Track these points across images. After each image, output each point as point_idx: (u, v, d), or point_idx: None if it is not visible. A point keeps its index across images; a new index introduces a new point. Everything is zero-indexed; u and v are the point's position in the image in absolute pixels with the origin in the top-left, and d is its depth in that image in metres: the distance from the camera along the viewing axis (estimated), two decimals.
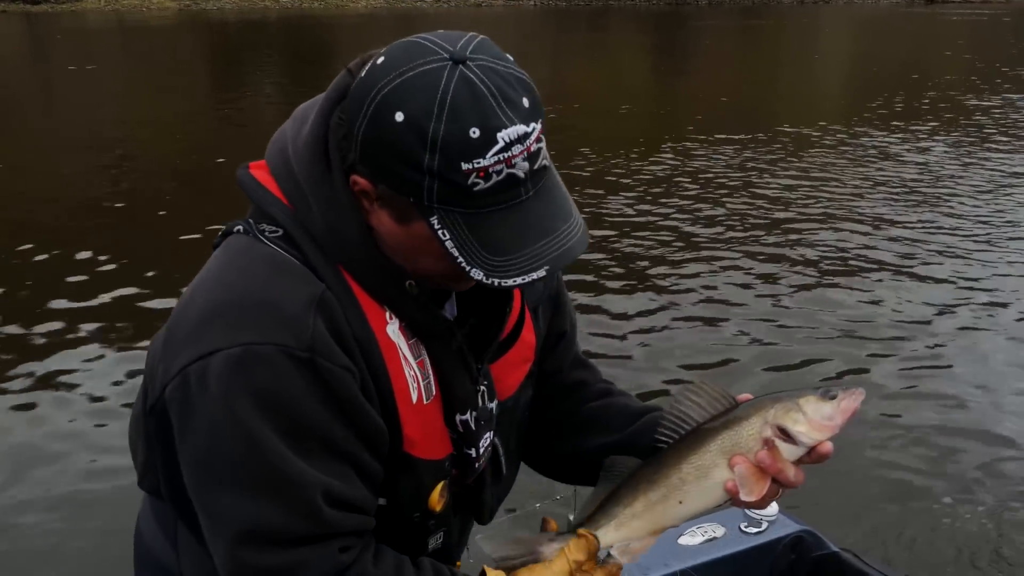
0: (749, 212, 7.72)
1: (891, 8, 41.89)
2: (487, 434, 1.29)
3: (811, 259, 6.56)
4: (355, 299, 1.13)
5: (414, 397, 1.17)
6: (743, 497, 1.18)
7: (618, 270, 6.29)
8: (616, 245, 6.78)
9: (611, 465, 1.29)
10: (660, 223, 7.46)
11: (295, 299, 1.08)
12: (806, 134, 11.42)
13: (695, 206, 7.96)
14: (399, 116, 1.01)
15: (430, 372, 1.20)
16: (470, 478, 1.30)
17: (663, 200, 8.18)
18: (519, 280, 1.06)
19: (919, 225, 7.36)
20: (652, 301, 5.73)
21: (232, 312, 1.08)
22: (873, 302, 5.75)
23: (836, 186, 8.76)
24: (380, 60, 1.06)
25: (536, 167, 1.06)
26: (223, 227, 1.19)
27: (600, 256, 6.48)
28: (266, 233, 1.14)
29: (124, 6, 33.77)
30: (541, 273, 1.06)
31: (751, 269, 6.28)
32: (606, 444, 1.38)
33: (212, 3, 34.73)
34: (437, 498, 1.23)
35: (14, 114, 13.72)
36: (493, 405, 1.29)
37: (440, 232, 1.05)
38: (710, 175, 9.04)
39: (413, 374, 1.17)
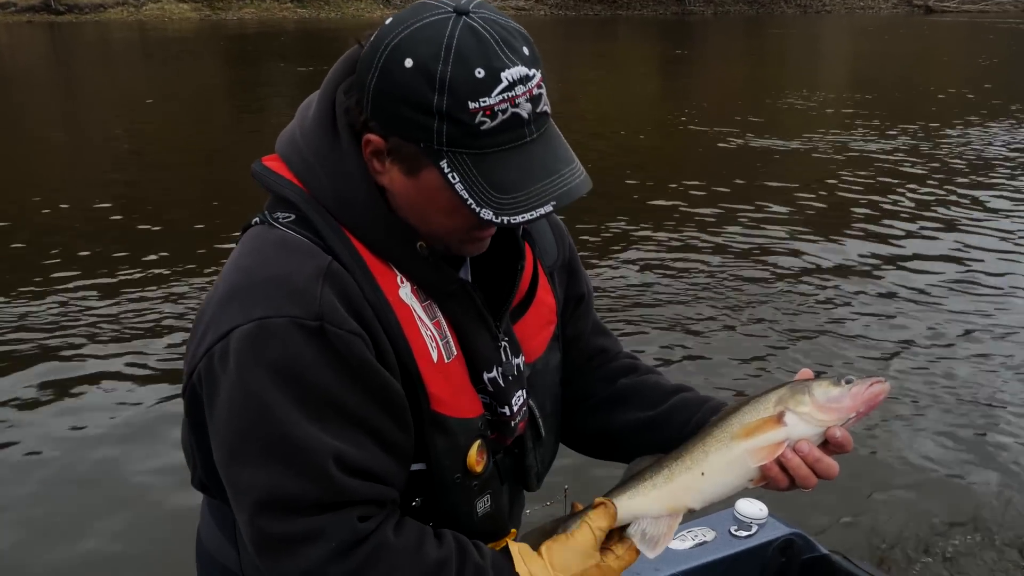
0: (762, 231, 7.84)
1: (892, 17, 42.41)
2: (518, 392, 1.31)
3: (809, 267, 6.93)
4: (365, 266, 1.16)
5: (434, 356, 1.20)
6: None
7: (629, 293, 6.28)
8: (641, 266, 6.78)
9: (637, 462, 1.32)
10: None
11: (303, 272, 1.12)
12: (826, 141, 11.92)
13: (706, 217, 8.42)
14: (408, 62, 1.07)
15: (448, 332, 1.22)
16: (509, 438, 1.33)
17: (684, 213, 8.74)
18: (527, 216, 1.09)
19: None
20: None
21: (245, 292, 1.13)
22: (889, 315, 5.85)
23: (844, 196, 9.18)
24: (388, 21, 1.13)
25: (539, 111, 1.10)
26: (237, 224, 1.29)
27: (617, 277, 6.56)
28: (280, 220, 1.19)
29: (146, 16, 34.69)
30: (548, 208, 1.09)
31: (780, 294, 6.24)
32: (640, 420, 1.42)
33: (232, 14, 35.65)
34: (475, 458, 1.25)
35: (33, 121, 14.11)
36: (519, 361, 1.31)
37: (450, 175, 1.09)
38: (717, 185, 9.38)
39: (430, 334, 1.20)
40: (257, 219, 1.23)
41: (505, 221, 1.09)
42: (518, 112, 1.08)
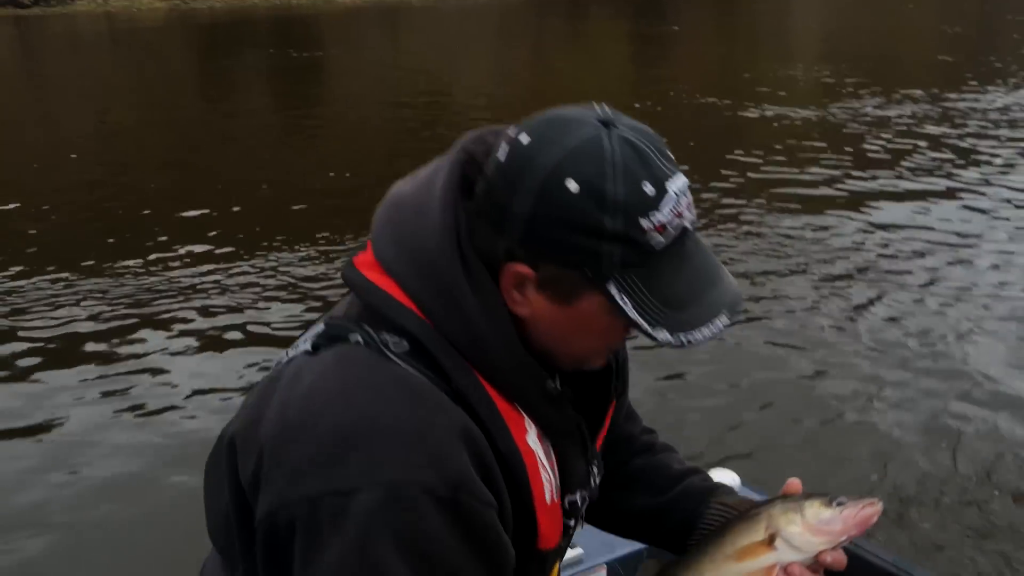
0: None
1: None
2: (587, 502, 1.31)
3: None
4: (498, 413, 1.09)
5: (548, 499, 1.16)
6: None
7: None
8: None
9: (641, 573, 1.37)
10: None
11: (437, 430, 1.03)
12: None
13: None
14: (572, 185, 1.00)
15: (556, 468, 1.18)
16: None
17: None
18: (706, 333, 1.05)
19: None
20: None
21: (369, 443, 1.01)
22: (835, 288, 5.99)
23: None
24: (526, 139, 1.04)
25: (695, 219, 1.07)
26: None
27: None
28: (390, 346, 1.07)
29: (114, 7, 34.23)
30: (725, 321, 1.06)
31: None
32: (645, 507, 1.43)
33: (201, 3, 35.24)
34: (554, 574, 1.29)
35: (2, 115, 13.94)
36: (599, 480, 1.31)
37: (620, 298, 1.03)
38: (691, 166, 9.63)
39: (548, 476, 1.16)
40: (360, 338, 1.08)
41: (684, 341, 1.04)
42: (683, 224, 1.05)
